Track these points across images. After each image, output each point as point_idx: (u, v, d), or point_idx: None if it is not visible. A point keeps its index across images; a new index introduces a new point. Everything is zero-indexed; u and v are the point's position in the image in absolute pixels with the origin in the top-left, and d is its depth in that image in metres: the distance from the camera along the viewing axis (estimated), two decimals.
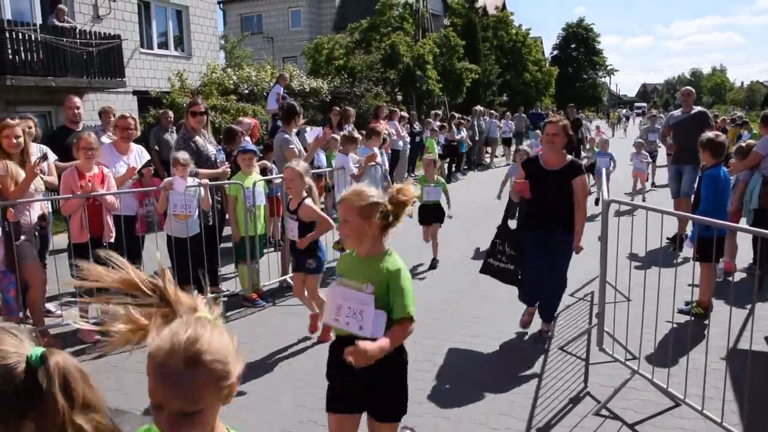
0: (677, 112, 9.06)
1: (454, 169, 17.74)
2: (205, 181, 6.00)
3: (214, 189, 6.29)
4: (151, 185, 6.08)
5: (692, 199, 6.14)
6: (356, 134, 8.37)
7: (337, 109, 11.71)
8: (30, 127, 6.15)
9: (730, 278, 6.75)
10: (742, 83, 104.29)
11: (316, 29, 33.08)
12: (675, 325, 4.80)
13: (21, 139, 5.24)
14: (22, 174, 5.14)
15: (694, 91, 9.05)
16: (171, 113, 10.63)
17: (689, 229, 6.19)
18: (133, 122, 6.10)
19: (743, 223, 6.92)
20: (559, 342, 5.24)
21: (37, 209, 5.38)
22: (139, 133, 6.73)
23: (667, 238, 7.93)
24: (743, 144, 7.75)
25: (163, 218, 5.95)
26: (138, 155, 6.23)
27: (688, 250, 5.69)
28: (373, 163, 7.67)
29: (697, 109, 8.78)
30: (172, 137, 10.03)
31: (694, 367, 4.09)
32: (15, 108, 13.23)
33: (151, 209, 6.15)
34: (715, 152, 5.65)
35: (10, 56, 12.61)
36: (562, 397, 4.27)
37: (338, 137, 9.40)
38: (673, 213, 4.99)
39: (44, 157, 5.43)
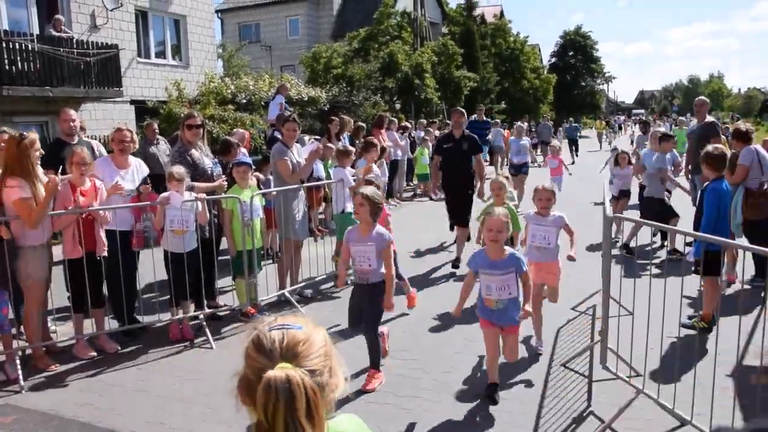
0: (693, 122, 9.34)
1: None
2: (202, 195, 5.92)
3: (211, 203, 6.21)
4: (147, 200, 5.99)
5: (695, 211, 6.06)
6: (350, 147, 8.30)
7: (336, 119, 11.65)
8: None
9: (729, 289, 6.70)
10: (740, 90, 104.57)
11: (314, 38, 33.09)
12: (680, 339, 4.71)
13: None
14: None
15: (707, 101, 9.20)
16: (156, 125, 10.60)
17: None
18: (129, 134, 5.97)
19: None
20: (560, 358, 5.16)
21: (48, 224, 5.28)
22: (137, 146, 6.64)
23: (686, 243, 7.90)
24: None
25: (161, 233, 5.86)
26: (136, 169, 6.13)
27: (689, 263, 5.60)
28: (371, 175, 7.61)
29: (709, 119, 8.95)
30: (157, 149, 9.99)
31: (701, 384, 4.00)
32: (11, 118, 13.17)
33: (148, 224, 6.07)
34: (715, 166, 5.58)
35: (7, 66, 12.57)
36: (565, 417, 4.19)
37: (335, 147, 9.34)
38: (675, 230, 4.91)
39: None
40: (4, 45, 12.44)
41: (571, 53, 53.61)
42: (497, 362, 4.50)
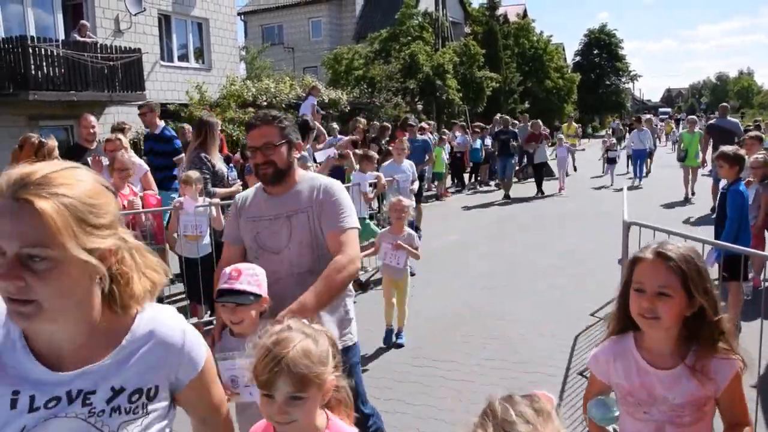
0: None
1: (473, 180, 17.54)
2: (216, 200, 5.92)
3: (226, 208, 6.22)
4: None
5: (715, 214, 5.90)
6: (374, 153, 8.25)
7: (360, 124, 11.57)
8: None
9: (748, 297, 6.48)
10: None
11: (336, 39, 33.16)
12: None
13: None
14: None
15: (727, 105, 10.27)
16: (188, 128, 10.63)
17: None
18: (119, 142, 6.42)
19: None
20: (578, 366, 5.05)
21: None
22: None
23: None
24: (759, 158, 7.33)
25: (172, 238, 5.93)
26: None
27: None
28: (384, 187, 7.56)
29: (730, 119, 9.58)
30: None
31: None
32: (38, 122, 13.40)
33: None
34: (740, 167, 5.47)
35: (33, 71, 12.78)
36: (583, 428, 4.09)
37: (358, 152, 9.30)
38: (696, 238, 4.72)
39: None
40: (31, 51, 12.66)
41: (595, 51, 52.84)
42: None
